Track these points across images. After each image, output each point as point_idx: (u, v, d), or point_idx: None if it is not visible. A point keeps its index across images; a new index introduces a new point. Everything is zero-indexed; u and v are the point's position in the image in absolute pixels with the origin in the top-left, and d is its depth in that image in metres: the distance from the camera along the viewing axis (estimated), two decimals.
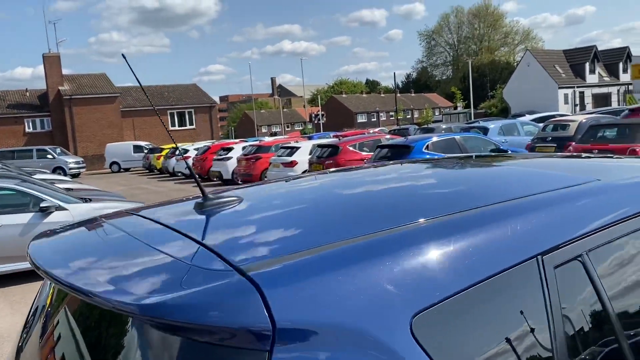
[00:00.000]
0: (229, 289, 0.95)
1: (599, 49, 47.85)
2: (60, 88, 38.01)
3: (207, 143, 25.30)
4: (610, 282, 1.29)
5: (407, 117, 78.12)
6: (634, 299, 1.34)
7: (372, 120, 78.28)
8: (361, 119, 77.62)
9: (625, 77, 44.63)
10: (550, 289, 1.15)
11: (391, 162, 2.51)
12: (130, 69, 1.52)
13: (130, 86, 43.79)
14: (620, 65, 46.89)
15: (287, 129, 78.36)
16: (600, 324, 1.24)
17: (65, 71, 43.19)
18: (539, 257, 1.17)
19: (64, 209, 7.89)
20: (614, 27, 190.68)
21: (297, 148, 15.66)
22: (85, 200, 8.65)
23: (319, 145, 14.82)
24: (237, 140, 26.36)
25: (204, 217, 1.49)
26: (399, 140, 13.15)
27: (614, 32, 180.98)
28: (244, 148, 19.12)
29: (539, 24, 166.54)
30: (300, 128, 78.73)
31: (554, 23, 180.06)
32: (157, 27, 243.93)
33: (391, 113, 76.36)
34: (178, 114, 42.25)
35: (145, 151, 31.58)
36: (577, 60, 45.89)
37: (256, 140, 23.31)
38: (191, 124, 42.57)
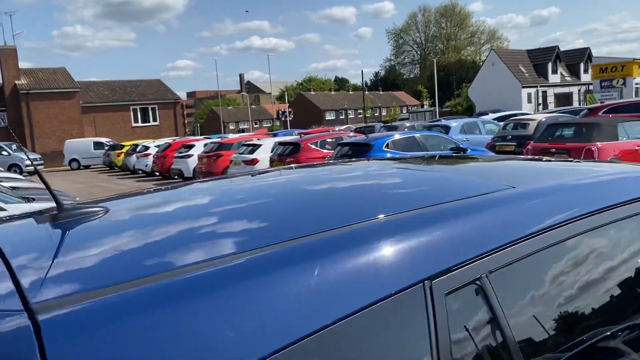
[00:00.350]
0: (5, 336, 0.72)
1: (562, 49, 48.93)
2: (16, 82, 36.67)
3: (169, 140, 24.73)
4: (515, 309, 1.08)
5: (376, 114, 78.44)
6: (541, 330, 1.12)
7: (341, 117, 78.33)
8: (329, 116, 77.58)
9: (586, 77, 45.69)
10: (438, 322, 0.93)
11: (280, 167, 2.30)
12: None
13: (92, 81, 42.64)
14: (582, 65, 47.99)
15: (255, 126, 77.73)
16: None
17: (25, 65, 41.71)
18: (426, 282, 0.95)
19: (1, 209, 7.45)
20: (577, 28, 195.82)
21: (259, 145, 15.39)
22: (28, 200, 8.23)
23: (281, 143, 14.58)
24: (200, 137, 25.86)
25: (45, 234, 1.23)
26: (359, 138, 13.00)
27: (576, 34, 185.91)
28: (205, 145, 18.73)
29: (504, 24, 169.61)
30: (269, 125, 78.22)
31: (519, 23, 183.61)
32: (122, 21, 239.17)
33: (359, 111, 76.53)
34: (141, 109, 41.30)
35: (106, 148, 30.73)
36: (540, 60, 46.76)
37: (220, 137, 22.89)
38: (155, 120, 41.66)
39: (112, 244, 1.14)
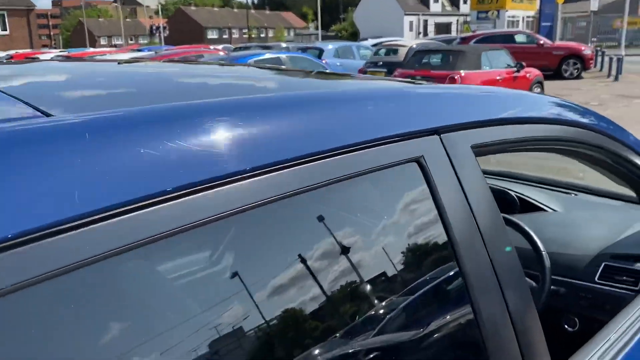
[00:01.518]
0: None
1: None
2: None
3: (11, 52, 21.57)
4: None
5: (262, 36, 75.54)
6: None
7: (224, 37, 74.39)
8: (212, 35, 73.33)
9: (465, 8, 46.76)
10: None
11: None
12: None
13: None
14: None
15: (130, 42, 71.62)
16: None
17: None
18: None
19: None
20: None
21: None
22: None
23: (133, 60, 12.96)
24: (51, 51, 22.87)
25: None
26: (217, 57, 11.84)
27: None
28: (52, 59, 16.43)
29: None
30: (146, 42, 72.41)
31: None
32: None
33: (245, 31, 73.16)
34: None
35: None
36: None
37: (69, 52, 20.29)
38: (4, 29, 36.22)
39: None
